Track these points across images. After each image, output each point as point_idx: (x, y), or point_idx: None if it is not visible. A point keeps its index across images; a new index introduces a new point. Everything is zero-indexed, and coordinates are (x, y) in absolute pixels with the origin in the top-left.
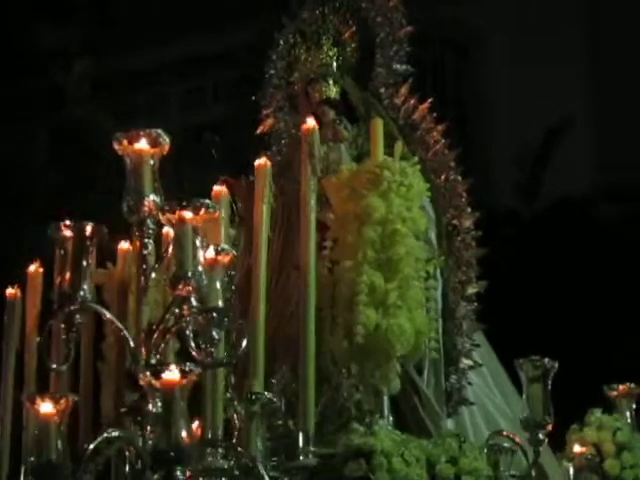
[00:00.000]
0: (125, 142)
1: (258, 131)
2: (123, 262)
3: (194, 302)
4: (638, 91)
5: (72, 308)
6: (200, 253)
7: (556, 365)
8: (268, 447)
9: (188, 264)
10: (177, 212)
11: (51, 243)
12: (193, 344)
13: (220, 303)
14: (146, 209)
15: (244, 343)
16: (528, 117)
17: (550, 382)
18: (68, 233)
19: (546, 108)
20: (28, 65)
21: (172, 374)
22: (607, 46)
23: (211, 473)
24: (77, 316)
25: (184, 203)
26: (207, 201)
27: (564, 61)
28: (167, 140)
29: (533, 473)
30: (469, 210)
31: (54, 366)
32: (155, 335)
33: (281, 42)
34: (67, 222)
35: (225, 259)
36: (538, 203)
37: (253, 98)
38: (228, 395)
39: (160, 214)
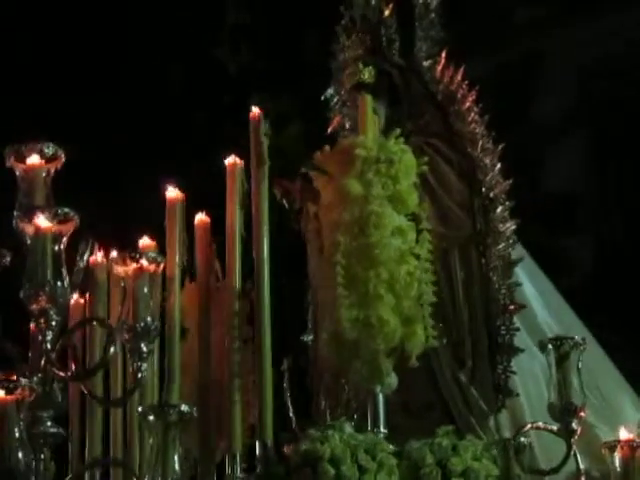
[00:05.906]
0: (12, 159)
1: (328, 130)
2: None
3: (53, 315)
4: None
5: None
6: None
7: (584, 343)
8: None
9: (42, 275)
10: (32, 220)
11: None
12: (53, 358)
13: (148, 315)
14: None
15: (112, 350)
16: None
17: (580, 363)
18: None
19: None
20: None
21: None
22: None
23: None
24: None
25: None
26: (66, 209)
27: None
28: (59, 152)
29: (581, 466)
30: (501, 180)
31: None
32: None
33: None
34: None
35: (152, 267)
36: None
37: (322, 98)
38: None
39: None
